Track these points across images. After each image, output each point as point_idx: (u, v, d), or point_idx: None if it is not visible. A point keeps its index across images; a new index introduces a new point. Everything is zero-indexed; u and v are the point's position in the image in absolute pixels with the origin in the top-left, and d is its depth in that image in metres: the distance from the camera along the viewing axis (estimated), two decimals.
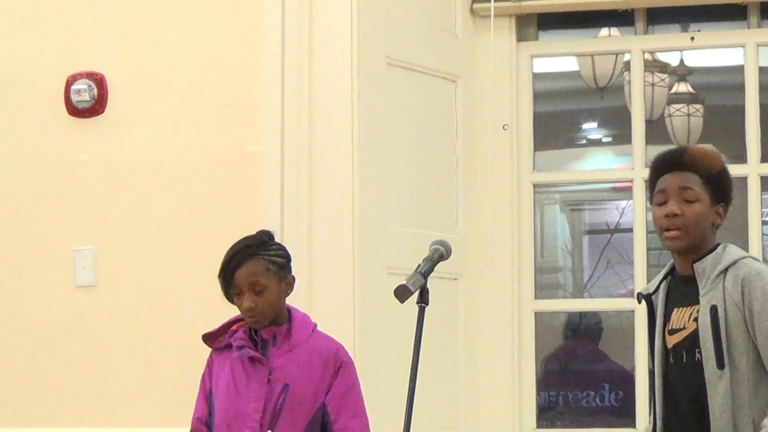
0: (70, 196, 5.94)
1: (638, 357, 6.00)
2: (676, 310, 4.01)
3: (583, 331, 6.98)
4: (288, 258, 4.47)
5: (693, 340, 3.92)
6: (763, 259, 6.21)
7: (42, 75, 5.99)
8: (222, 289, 4.42)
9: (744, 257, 3.94)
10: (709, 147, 4.12)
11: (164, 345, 5.78)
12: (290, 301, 5.45)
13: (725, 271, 3.90)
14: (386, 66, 5.81)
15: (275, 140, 5.70)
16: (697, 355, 3.90)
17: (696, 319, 3.92)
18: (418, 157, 5.95)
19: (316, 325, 4.50)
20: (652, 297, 4.08)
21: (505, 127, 6.14)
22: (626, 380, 6.26)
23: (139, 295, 5.82)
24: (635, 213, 6.14)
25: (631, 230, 6.20)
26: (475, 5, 6.13)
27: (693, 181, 3.96)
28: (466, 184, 6.11)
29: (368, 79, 5.71)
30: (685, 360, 3.95)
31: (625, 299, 6.54)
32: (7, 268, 5.98)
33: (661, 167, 4.04)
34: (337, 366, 4.40)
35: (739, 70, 6.05)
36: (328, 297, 5.53)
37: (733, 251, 3.97)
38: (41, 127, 5.98)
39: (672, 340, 3.99)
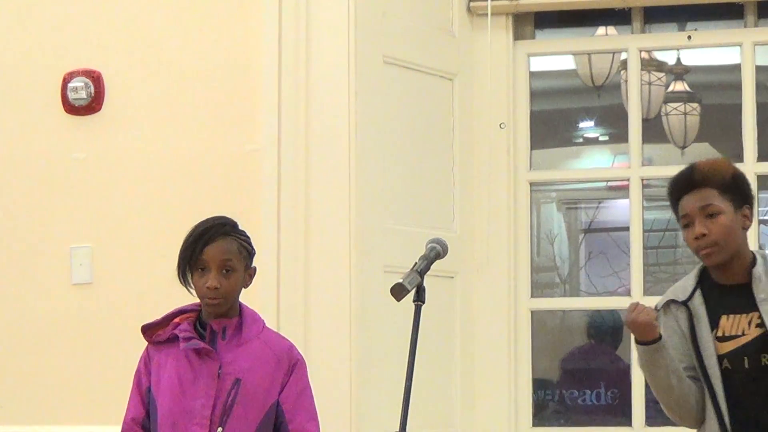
0: (66, 193, 5.94)
1: (633, 355, 6.00)
2: (725, 317, 4.01)
3: (578, 329, 7.00)
4: (253, 250, 4.35)
5: (757, 345, 3.95)
6: None
7: (38, 72, 6.00)
8: (179, 265, 4.29)
9: None
10: (715, 158, 4.15)
11: None
12: (287, 301, 5.47)
13: None
14: (383, 64, 5.81)
15: (272, 138, 5.70)
16: (764, 359, 3.93)
17: (758, 325, 3.94)
18: (415, 156, 5.95)
19: (263, 321, 4.38)
20: (689, 304, 4.06)
21: (502, 126, 6.15)
22: (622, 378, 6.28)
23: (135, 292, 5.82)
24: (632, 211, 6.14)
25: (627, 229, 6.20)
26: (472, 4, 6.14)
27: (711, 196, 4.00)
28: (463, 182, 6.12)
29: (365, 77, 5.72)
30: (747, 365, 3.97)
31: (621, 297, 6.55)
32: (4, 265, 5.98)
33: (677, 191, 4.08)
34: (291, 364, 4.28)
35: (736, 69, 6.05)
36: (324, 295, 5.54)
37: None
38: (38, 124, 5.99)
39: (726, 347, 3.99)
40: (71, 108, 5.95)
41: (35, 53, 6.00)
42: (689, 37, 6.29)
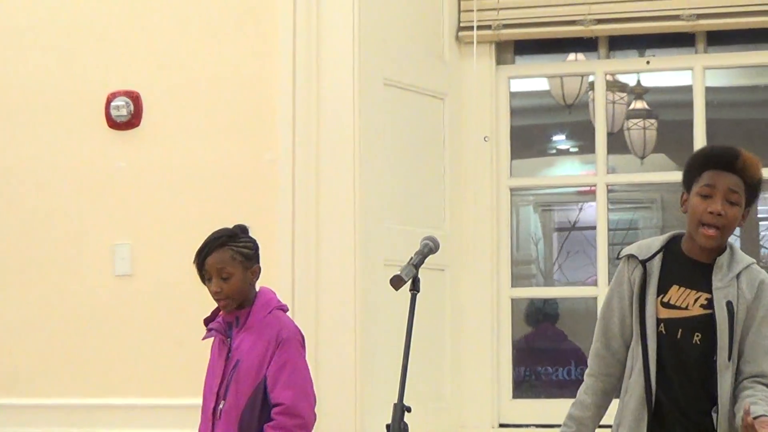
0: (109, 197, 5.94)
1: None
2: (676, 287, 3.83)
3: (552, 315, 6.99)
4: (255, 250, 4.44)
5: (695, 323, 3.78)
6: None
7: (85, 93, 5.99)
8: (198, 273, 4.43)
9: (752, 262, 3.85)
10: (755, 155, 3.97)
11: (191, 326, 5.76)
12: (301, 291, 5.47)
13: (740, 273, 3.80)
14: (383, 86, 5.81)
15: (287, 149, 5.70)
16: (695, 338, 3.78)
17: (703, 306, 3.78)
18: (411, 165, 5.95)
19: (279, 307, 4.45)
20: (648, 263, 3.86)
21: (486, 139, 6.14)
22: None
23: (169, 283, 5.82)
24: (598, 213, 6.13)
25: (594, 228, 6.19)
26: (460, 33, 6.13)
27: (740, 186, 3.79)
28: (452, 187, 6.11)
29: (367, 96, 5.71)
30: (679, 337, 3.80)
31: (588, 287, 6.55)
32: (57, 260, 5.98)
33: (712, 162, 3.83)
34: (277, 342, 4.32)
35: (689, 89, 6.03)
36: (332, 286, 5.54)
37: (742, 254, 3.87)
38: (85, 138, 5.98)
39: (667, 313, 3.82)
40: (114, 124, 5.94)
41: (83, 77, 5.99)
42: (648, 62, 6.29)
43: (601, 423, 3.98)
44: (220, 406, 4.31)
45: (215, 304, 4.50)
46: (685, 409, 3.80)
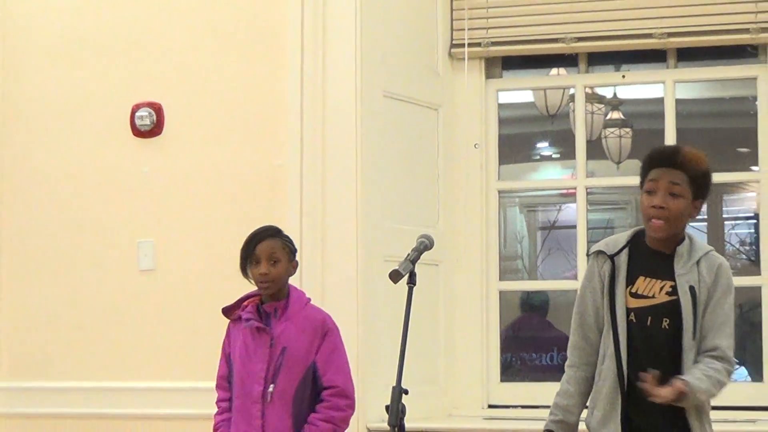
0: (134, 199, 5.94)
1: None
2: (642, 278, 3.83)
3: (536, 307, 6.99)
4: (296, 250, 4.49)
5: (663, 309, 3.78)
6: None
7: (112, 104, 5.99)
8: (241, 261, 4.42)
9: (711, 249, 3.85)
10: (698, 150, 3.95)
11: (208, 316, 5.77)
12: (308, 284, 5.47)
13: (700, 260, 3.80)
14: (382, 98, 5.81)
15: (295, 156, 5.70)
16: (664, 323, 3.78)
17: (669, 293, 3.78)
18: (408, 169, 5.95)
19: (309, 299, 4.49)
20: (615, 258, 3.86)
21: (476, 146, 6.14)
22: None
23: (189, 277, 5.83)
24: (578, 213, 6.12)
25: (574, 227, 6.18)
26: (452, 50, 6.13)
27: (681, 179, 3.78)
28: (446, 190, 6.11)
29: (368, 107, 5.72)
30: (649, 323, 3.79)
31: (569, 281, 6.54)
32: (86, 255, 5.98)
33: (656, 161, 3.83)
34: (324, 331, 4.37)
35: (660, 101, 6.02)
36: (336, 280, 5.54)
37: (700, 242, 3.86)
38: (112, 145, 5.98)
39: (635, 303, 3.82)
40: (138, 132, 5.94)
41: (110, 90, 5.99)
42: (623, 77, 6.29)
43: None
44: (270, 389, 4.30)
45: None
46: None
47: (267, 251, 4.36)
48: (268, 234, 4.41)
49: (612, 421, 3.82)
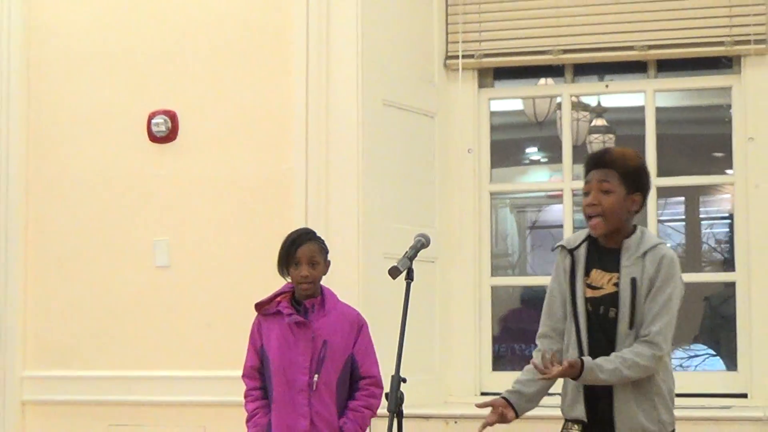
0: (151, 200, 5.94)
1: None
2: (595, 270, 3.84)
3: (526, 300, 6.99)
4: (328, 249, 4.51)
5: (609, 300, 3.79)
6: None
7: (130, 112, 5.99)
8: (280, 262, 4.42)
9: (660, 242, 3.84)
10: (629, 149, 3.97)
11: (219, 310, 5.79)
12: None
13: (645, 253, 3.79)
14: (382, 106, 5.81)
15: (301, 160, 5.70)
16: (611, 312, 3.79)
17: (616, 284, 3.79)
18: (406, 172, 5.95)
19: (337, 296, 4.52)
20: (575, 252, 3.88)
21: (470, 151, 6.14)
22: None
23: (201, 272, 5.84)
24: (564, 213, 6.12)
25: (561, 226, 6.17)
26: (447, 61, 6.14)
27: (610, 176, 3.79)
28: (441, 192, 6.11)
29: (369, 115, 5.72)
30: (601, 313, 3.80)
31: None
32: (106, 253, 5.99)
33: (590, 164, 3.88)
34: (359, 326, 4.45)
35: (641, 109, 6.03)
36: (340, 276, 5.48)
37: (650, 236, 3.86)
38: (130, 150, 5.99)
39: (589, 293, 3.83)
40: (154, 138, 5.94)
41: (128, 98, 6.00)
42: (607, 86, 6.29)
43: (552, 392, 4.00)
44: (315, 378, 4.32)
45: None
46: None
47: (307, 255, 4.38)
48: (308, 238, 4.43)
49: (578, 403, 3.85)
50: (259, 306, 4.47)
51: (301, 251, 4.37)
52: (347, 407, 4.38)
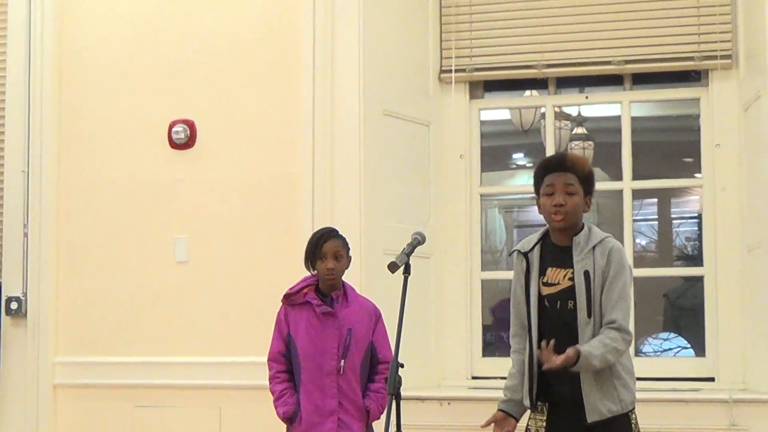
0: (171, 202, 5.94)
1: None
2: (551, 269, 3.85)
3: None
4: (349, 246, 4.54)
5: (566, 293, 3.80)
6: (634, 248, 6.20)
7: (152, 121, 5.99)
8: (307, 256, 4.45)
9: (607, 236, 3.85)
10: (580, 154, 4.02)
11: (233, 301, 5.79)
12: None
13: (594, 247, 3.80)
14: (382, 115, 5.81)
15: (308, 164, 5.70)
16: (569, 305, 3.79)
17: (570, 279, 3.80)
18: (404, 176, 5.94)
19: (355, 289, 4.59)
20: (529, 254, 3.91)
21: (462, 157, 6.14)
22: None
23: (218, 267, 5.83)
24: None
25: (545, 225, 6.16)
26: (441, 75, 6.13)
27: (573, 180, 3.84)
28: (436, 194, 6.11)
29: (370, 123, 5.72)
30: (558, 307, 3.81)
31: None
32: (130, 249, 5.99)
33: (549, 168, 3.89)
34: (377, 317, 4.52)
35: (618, 119, 6.02)
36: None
37: (597, 231, 3.87)
38: (152, 156, 5.99)
39: (546, 290, 3.84)
40: (174, 145, 5.94)
41: (150, 109, 6.00)
42: (586, 97, 6.28)
43: None
44: (342, 363, 4.36)
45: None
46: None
47: (332, 249, 4.42)
48: (332, 235, 4.47)
49: (524, 392, 3.89)
50: (287, 296, 4.48)
51: (327, 246, 4.42)
52: (369, 389, 4.43)
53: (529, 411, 3.93)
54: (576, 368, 3.68)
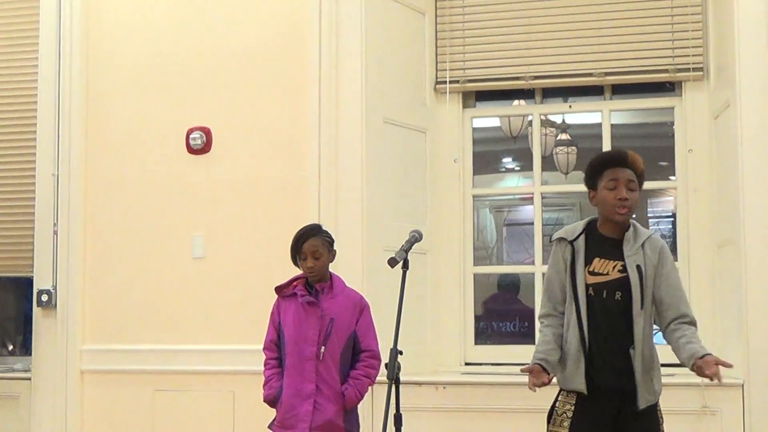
0: (189, 202, 5.95)
1: (536, 302, 6.00)
2: (597, 259, 3.75)
3: (502, 286, 6.98)
4: (334, 242, 4.51)
5: (616, 284, 3.72)
6: None
7: (171, 128, 6.00)
8: (292, 255, 4.45)
9: (653, 233, 3.81)
10: (637, 153, 3.97)
11: (246, 294, 5.79)
12: None
13: (644, 242, 3.76)
14: (383, 123, 5.82)
15: (314, 168, 5.70)
16: (617, 295, 3.72)
17: (620, 270, 3.73)
18: (402, 178, 5.95)
19: (344, 282, 4.54)
20: (574, 243, 3.81)
21: (456, 161, 6.15)
22: (529, 316, 6.26)
23: (232, 263, 5.84)
24: (535, 213, 6.13)
25: (531, 223, 6.19)
26: (437, 86, 6.14)
27: (633, 176, 3.78)
28: (432, 195, 6.11)
29: (371, 130, 5.72)
30: (605, 296, 3.72)
31: (528, 266, 6.54)
32: (151, 246, 5.99)
33: (610, 162, 3.81)
34: (361, 308, 4.45)
35: (599, 126, 6.03)
36: (347, 265, 5.51)
37: (643, 229, 3.83)
38: (171, 160, 5.99)
39: (592, 279, 3.75)
40: (192, 150, 5.95)
41: (170, 117, 6.00)
42: (570, 106, 6.28)
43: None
44: (322, 349, 4.32)
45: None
46: (610, 349, 3.73)
47: (311, 249, 4.40)
48: (311, 234, 4.43)
49: (577, 376, 3.76)
50: (278, 289, 4.50)
51: (306, 246, 4.40)
52: (349, 375, 4.38)
53: (559, 389, 3.84)
54: (726, 362, 3.59)
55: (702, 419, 5.15)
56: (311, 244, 4.40)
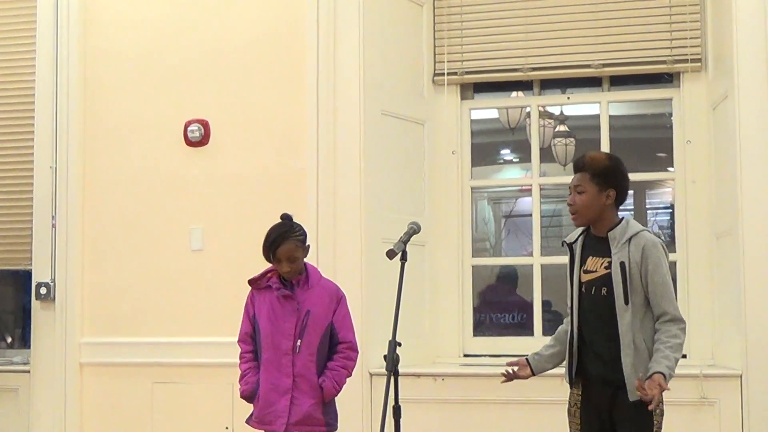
0: (187, 195, 5.95)
1: (535, 293, 6.01)
2: (591, 258, 3.88)
3: (501, 277, 6.98)
4: (306, 235, 4.37)
5: (602, 281, 3.81)
6: None
7: (170, 121, 6.00)
8: (265, 256, 4.31)
9: (642, 230, 3.83)
10: (602, 153, 3.99)
11: (245, 287, 5.77)
12: (323, 260, 5.47)
13: (630, 239, 3.80)
14: (381, 115, 5.82)
15: (313, 160, 5.71)
16: (603, 291, 3.80)
17: (606, 267, 3.81)
18: (401, 170, 5.95)
19: (320, 273, 4.45)
20: (573, 245, 3.96)
21: (454, 153, 6.15)
22: (527, 307, 6.26)
23: (229, 255, 5.84)
24: (533, 205, 6.14)
25: (530, 215, 6.20)
26: (435, 78, 6.14)
27: (583, 179, 3.85)
28: (430, 186, 6.12)
29: (370, 122, 5.72)
30: (593, 293, 3.84)
31: (526, 257, 6.54)
32: (150, 238, 6.00)
33: (573, 169, 3.95)
34: (338, 299, 4.36)
35: (597, 117, 6.04)
36: (346, 256, 5.55)
37: (634, 225, 3.86)
38: (170, 153, 5.99)
39: (586, 278, 3.87)
40: (190, 142, 5.95)
41: (168, 109, 6.00)
42: (568, 98, 6.29)
43: None
44: (298, 343, 4.25)
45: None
46: (599, 343, 3.83)
47: (286, 254, 4.27)
48: (284, 238, 4.28)
49: (569, 368, 3.94)
50: (252, 281, 4.40)
51: (280, 251, 4.26)
52: (326, 367, 4.31)
53: (567, 384, 3.98)
54: (665, 387, 3.63)
55: (700, 410, 5.16)
56: (286, 249, 4.27)
